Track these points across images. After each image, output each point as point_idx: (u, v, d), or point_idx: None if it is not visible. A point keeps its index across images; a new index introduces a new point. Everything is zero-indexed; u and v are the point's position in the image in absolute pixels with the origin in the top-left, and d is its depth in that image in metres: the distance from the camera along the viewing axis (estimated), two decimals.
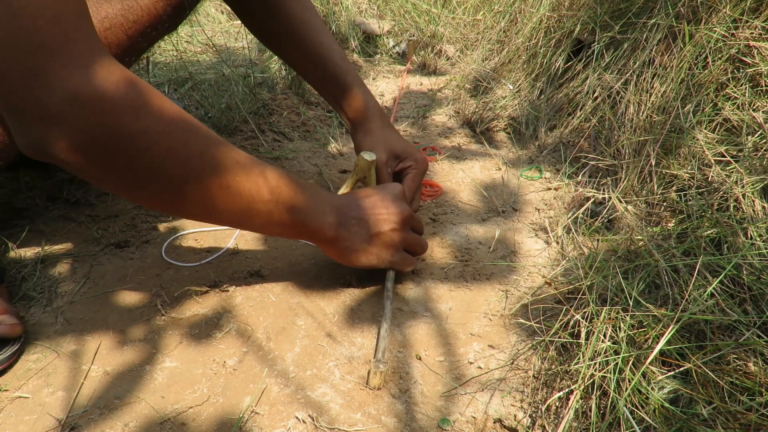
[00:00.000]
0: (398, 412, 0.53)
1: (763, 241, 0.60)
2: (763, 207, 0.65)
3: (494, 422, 0.53)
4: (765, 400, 0.46)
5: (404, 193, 0.68)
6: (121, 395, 0.54)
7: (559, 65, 1.11)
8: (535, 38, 1.18)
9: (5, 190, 0.83)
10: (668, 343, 0.51)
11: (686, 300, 0.56)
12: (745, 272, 0.58)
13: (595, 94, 1.00)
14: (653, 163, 0.80)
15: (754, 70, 0.77)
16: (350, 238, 0.61)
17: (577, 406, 0.51)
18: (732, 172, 0.72)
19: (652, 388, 0.50)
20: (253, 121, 1.08)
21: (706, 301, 0.55)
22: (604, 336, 0.55)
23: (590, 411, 0.50)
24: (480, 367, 0.59)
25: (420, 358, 0.60)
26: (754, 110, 0.76)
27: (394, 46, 1.57)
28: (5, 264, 0.69)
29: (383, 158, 0.76)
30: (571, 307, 0.62)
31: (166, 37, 0.73)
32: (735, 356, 0.50)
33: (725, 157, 0.74)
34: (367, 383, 0.56)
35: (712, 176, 0.74)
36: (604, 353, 0.53)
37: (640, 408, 0.48)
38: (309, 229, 0.59)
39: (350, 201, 0.63)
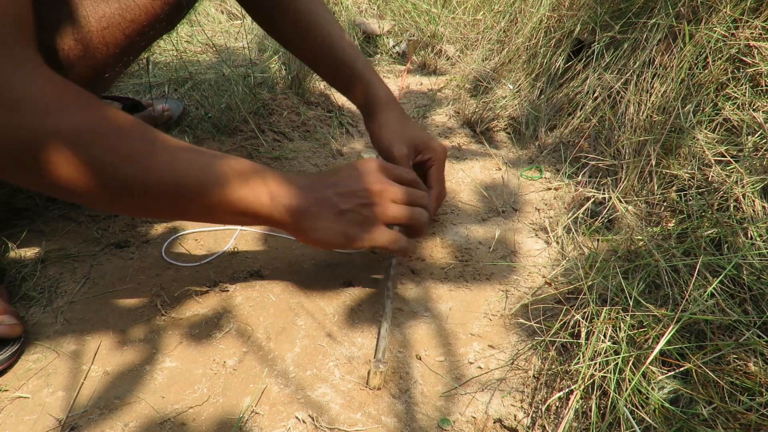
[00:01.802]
0: (398, 412, 0.53)
1: (763, 241, 0.60)
2: (763, 207, 0.65)
3: (494, 422, 0.53)
4: (765, 400, 0.46)
5: (383, 167, 0.63)
6: (121, 395, 0.54)
7: (559, 65, 1.11)
8: (535, 38, 1.18)
9: (5, 190, 0.83)
10: (668, 343, 0.51)
11: (686, 300, 0.56)
12: (745, 272, 0.58)
13: (595, 94, 1.00)
14: (653, 163, 0.80)
15: (754, 70, 0.77)
16: (312, 218, 0.57)
17: (577, 406, 0.51)
18: (732, 172, 0.72)
19: (652, 388, 0.50)
20: (253, 121, 1.08)
21: (706, 301, 0.55)
22: (604, 336, 0.55)
23: (590, 411, 0.50)
24: (480, 367, 0.59)
25: (420, 358, 0.60)
26: (754, 110, 0.76)
27: (394, 46, 1.57)
28: (5, 264, 0.69)
29: (404, 152, 0.72)
30: (571, 307, 0.62)
31: (165, 36, 0.73)
32: (735, 356, 0.50)
33: (725, 157, 0.74)
34: (367, 383, 0.56)
35: (712, 176, 0.74)
36: (604, 353, 0.53)
37: (640, 408, 0.48)
38: (264, 216, 0.56)
39: (313, 182, 0.59)
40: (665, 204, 0.77)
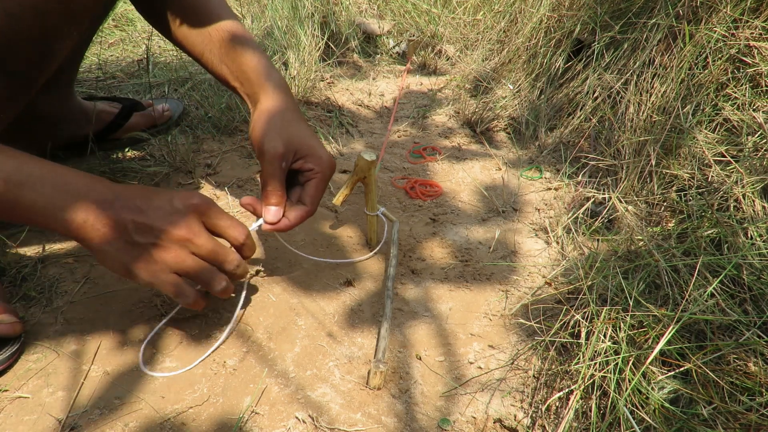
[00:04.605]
0: (398, 412, 0.53)
1: (763, 241, 0.60)
2: (763, 207, 0.65)
3: (494, 422, 0.53)
4: (765, 400, 0.46)
5: (205, 210, 0.54)
6: (121, 395, 0.54)
7: (559, 65, 1.11)
8: (535, 38, 1.18)
9: None
10: (668, 343, 0.51)
11: (686, 300, 0.56)
12: (745, 272, 0.58)
13: (595, 94, 1.00)
14: (653, 163, 0.80)
15: (754, 70, 0.77)
16: (99, 238, 0.50)
17: (577, 406, 0.51)
18: (732, 172, 0.72)
19: (652, 388, 0.50)
20: None
21: (706, 301, 0.55)
22: (604, 336, 0.55)
23: (590, 411, 0.50)
24: (480, 367, 0.59)
25: (420, 358, 0.60)
26: (754, 110, 0.76)
27: (394, 46, 1.57)
28: (5, 264, 0.69)
29: (278, 150, 0.59)
30: (571, 307, 0.62)
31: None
32: (735, 356, 0.50)
33: (725, 157, 0.74)
34: (367, 383, 0.56)
35: (712, 176, 0.74)
36: (604, 353, 0.53)
37: (640, 408, 0.48)
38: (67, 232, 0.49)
39: (118, 196, 0.51)
40: (665, 204, 0.77)
